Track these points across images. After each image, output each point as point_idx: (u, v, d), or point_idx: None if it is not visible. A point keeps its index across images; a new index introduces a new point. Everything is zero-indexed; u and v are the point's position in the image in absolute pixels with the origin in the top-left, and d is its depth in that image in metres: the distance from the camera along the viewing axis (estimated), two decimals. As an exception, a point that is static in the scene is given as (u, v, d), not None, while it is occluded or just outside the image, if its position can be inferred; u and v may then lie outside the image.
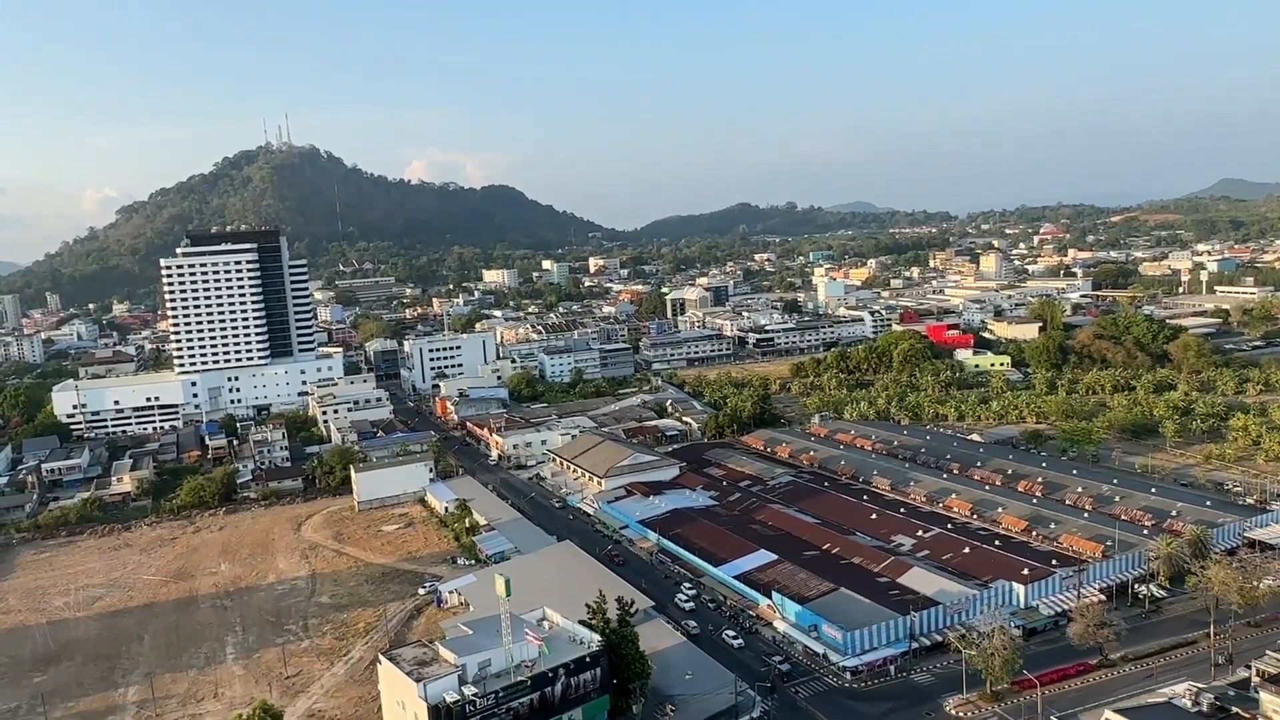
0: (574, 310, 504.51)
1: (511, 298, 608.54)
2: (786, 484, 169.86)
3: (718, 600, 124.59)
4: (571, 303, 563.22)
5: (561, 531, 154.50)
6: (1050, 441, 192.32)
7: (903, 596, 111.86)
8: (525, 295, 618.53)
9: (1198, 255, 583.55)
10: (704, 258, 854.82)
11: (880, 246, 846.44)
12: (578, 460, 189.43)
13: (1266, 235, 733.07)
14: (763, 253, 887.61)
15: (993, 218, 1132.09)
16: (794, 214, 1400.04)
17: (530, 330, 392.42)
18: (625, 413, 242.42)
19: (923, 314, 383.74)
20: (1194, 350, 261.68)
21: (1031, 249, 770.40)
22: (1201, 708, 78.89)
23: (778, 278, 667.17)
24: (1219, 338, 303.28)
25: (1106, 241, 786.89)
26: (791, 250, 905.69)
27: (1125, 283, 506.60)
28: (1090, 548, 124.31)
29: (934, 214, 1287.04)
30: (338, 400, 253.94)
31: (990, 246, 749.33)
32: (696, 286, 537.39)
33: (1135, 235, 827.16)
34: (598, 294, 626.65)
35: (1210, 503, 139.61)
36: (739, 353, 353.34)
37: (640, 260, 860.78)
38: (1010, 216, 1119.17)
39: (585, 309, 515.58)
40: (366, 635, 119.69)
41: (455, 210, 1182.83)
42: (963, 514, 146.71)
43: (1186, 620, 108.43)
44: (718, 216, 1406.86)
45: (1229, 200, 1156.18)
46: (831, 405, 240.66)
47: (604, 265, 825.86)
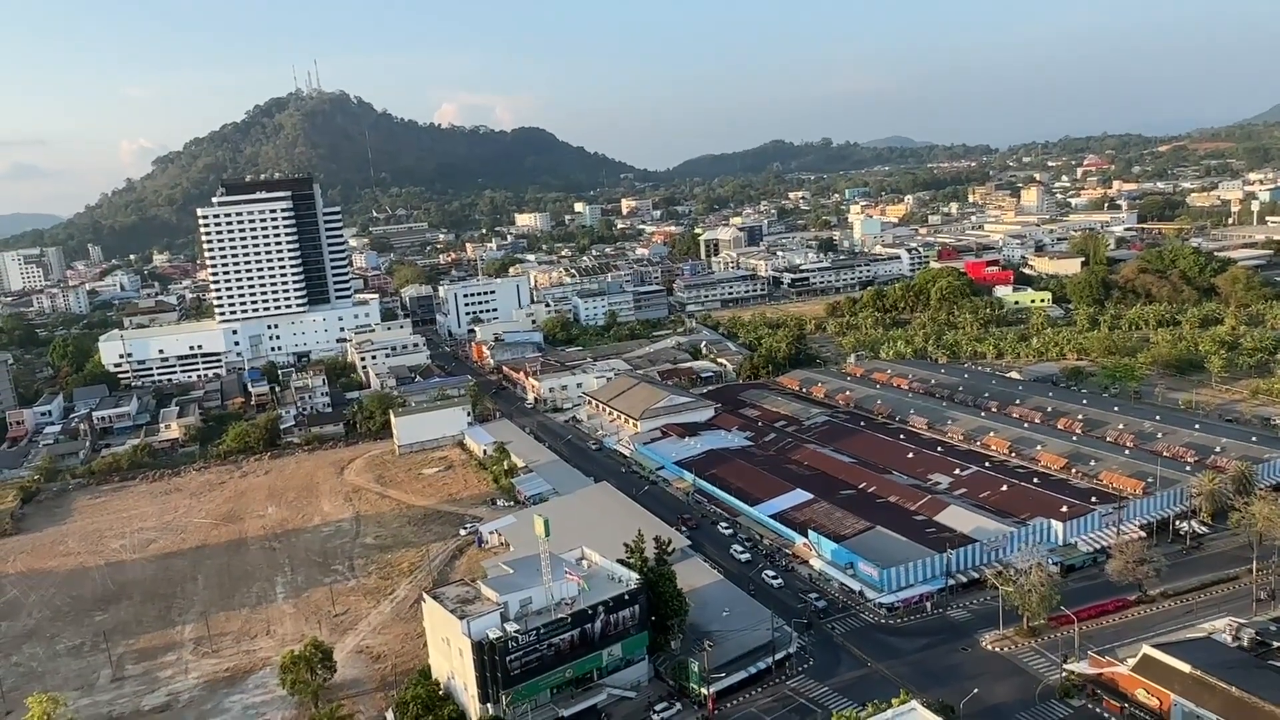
0: (607, 253, 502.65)
1: (544, 241, 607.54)
2: (822, 424, 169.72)
3: (754, 539, 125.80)
4: (604, 245, 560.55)
5: (598, 473, 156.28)
6: (1091, 378, 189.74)
7: (939, 534, 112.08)
8: (558, 238, 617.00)
9: (1249, 185, 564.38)
10: (737, 197, 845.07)
11: (918, 182, 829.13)
12: (613, 403, 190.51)
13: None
14: (797, 191, 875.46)
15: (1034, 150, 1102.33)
16: (829, 150, 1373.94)
17: (564, 274, 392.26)
18: (660, 355, 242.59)
19: (961, 251, 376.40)
20: (1243, 283, 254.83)
21: (1074, 181, 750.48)
22: (1242, 642, 78.81)
23: (813, 216, 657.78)
24: (1269, 270, 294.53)
25: (1153, 172, 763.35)
26: (826, 188, 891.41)
27: (1172, 215, 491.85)
28: (1131, 484, 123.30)
29: (973, 147, 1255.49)
30: (375, 346, 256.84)
31: (1031, 180, 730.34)
32: (730, 226, 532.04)
33: (1184, 165, 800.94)
34: (630, 236, 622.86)
35: (1256, 439, 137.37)
36: (774, 293, 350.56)
37: (672, 201, 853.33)
38: (1053, 148, 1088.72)
39: (618, 251, 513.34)
40: (410, 575, 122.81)
41: (486, 153, 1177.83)
42: (1001, 452, 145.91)
43: (1228, 556, 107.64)
44: (751, 155, 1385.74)
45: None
46: (868, 345, 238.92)
47: (636, 206, 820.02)
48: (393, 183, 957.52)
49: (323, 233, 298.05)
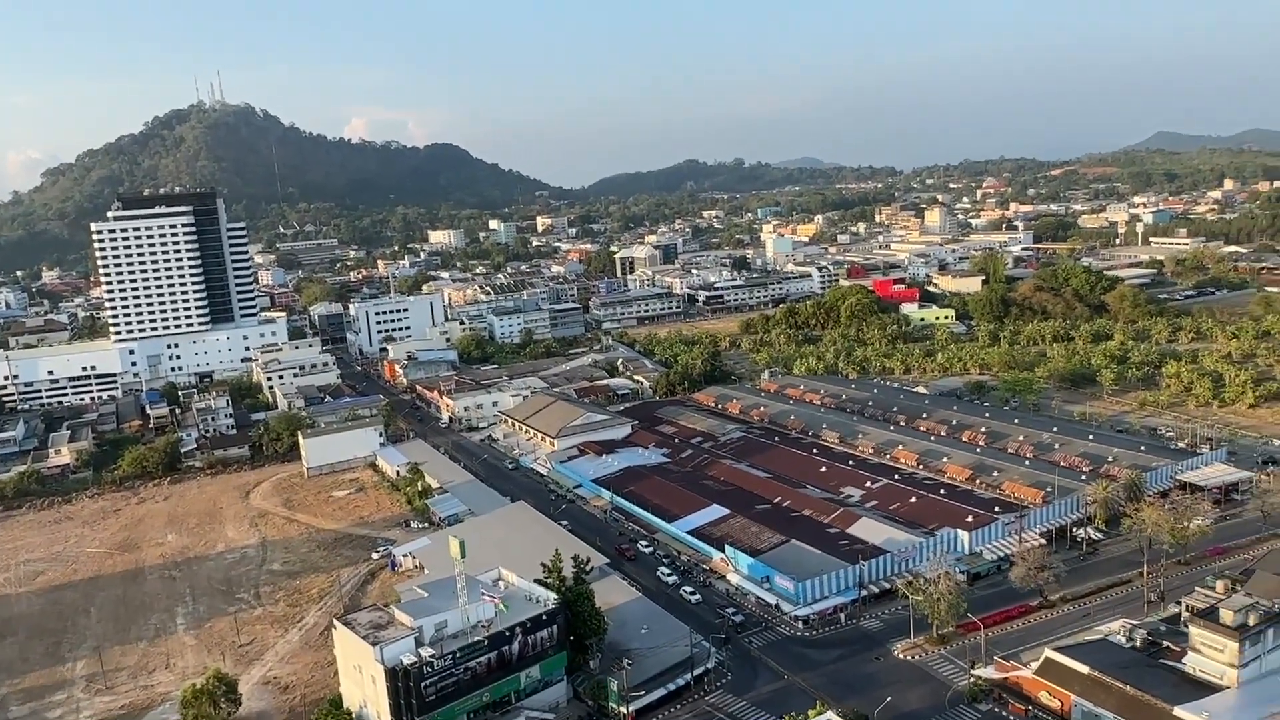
0: (522, 270, 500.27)
1: (458, 258, 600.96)
2: (738, 439, 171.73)
3: (672, 555, 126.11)
4: (520, 262, 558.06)
5: (515, 492, 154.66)
6: (993, 392, 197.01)
7: (852, 546, 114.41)
8: (472, 255, 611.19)
9: (1134, 207, 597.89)
10: (652, 215, 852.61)
11: (827, 202, 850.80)
12: (530, 421, 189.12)
13: (1199, 187, 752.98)
14: (711, 209, 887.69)
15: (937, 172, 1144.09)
16: (741, 170, 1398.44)
17: (478, 291, 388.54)
18: (576, 372, 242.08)
19: (869, 269, 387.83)
20: (1130, 300, 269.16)
21: (974, 203, 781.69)
22: (1135, 643, 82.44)
23: (726, 234, 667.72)
24: (1153, 288, 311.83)
25: (1047, 195, 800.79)
26: (739, 207, 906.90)
27: (1065, 235, 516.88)
28: (1031, 494, 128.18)
29: (879, 169, 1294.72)
30: (283, 365, 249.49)
31: (934, 201, 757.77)
32: (645, 244, 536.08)
33: (1074, 188, 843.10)
34: (546, 253, 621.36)
35: (1144, 447, 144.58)
36: (689, 310, 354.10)
37: (588, 219, 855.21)
38: (954, 171, 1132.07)
39: (534, 269, 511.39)
40: (320, 601, 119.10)
41: (398, 170, 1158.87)
42: (909, 464, 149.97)
43: (1121, 561, 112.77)
44: (665, 174, 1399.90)
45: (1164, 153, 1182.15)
46: (781, 361, 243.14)
47: (552, 224, 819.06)
48: (301, 198, 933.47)
49: (226, 249, 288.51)
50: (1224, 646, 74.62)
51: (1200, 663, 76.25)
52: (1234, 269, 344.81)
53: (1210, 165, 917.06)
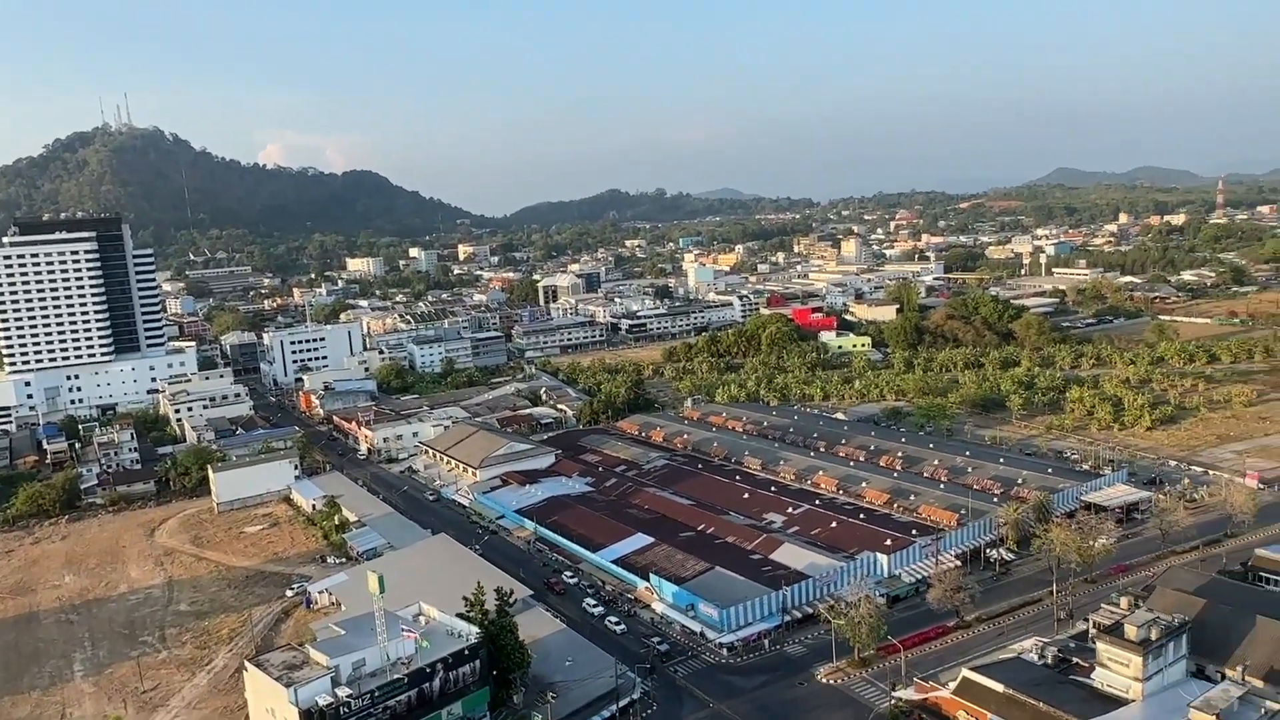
0: (444, 299, 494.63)
1: (378, 286, 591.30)
2: (661, 467, 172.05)
3: (596, 585, 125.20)
4: (441, 291, 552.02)
5: (436, 524, 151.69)
6: (909, 417, 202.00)
7: (775, 572, 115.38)
8: (392, 284, 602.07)
9: (1037, 239, 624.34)
10: (575, 244, 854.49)
11: (747, 232, 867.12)
12: (451, 451, 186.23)
13: (1096, 220, 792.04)
14: (633, 239, 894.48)
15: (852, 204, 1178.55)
16: (663, 200, 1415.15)
17: (398, 320, 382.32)
18: (499, 402, 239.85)
19: (789, 298, 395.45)
20: (1035, 328, 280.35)
21: (888, 234, 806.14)
22: (1047, 660, 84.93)
23: (649, 264, 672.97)
24: (1057, 316, 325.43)
25: (956, 227, 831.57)
26: (661, 236, 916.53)
27: (974, 265, 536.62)
28: (946, 517, 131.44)
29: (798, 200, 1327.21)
30: (191, 397, 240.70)
31: (850, 232, 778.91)
32: (568, 273, 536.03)
33: (982, 220, 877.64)
34: (468, 282, 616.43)
35: (1051, 470, 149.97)
36: (612, 339, 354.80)
37: (511, 247, 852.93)
38: (868, 203, 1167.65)
39: (455, 297, 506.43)
40: (230, 642, 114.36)
41: (315, 196, 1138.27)
42: (829, 490, 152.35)
43: (1032, 580, 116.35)
44: (588, 203, 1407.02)
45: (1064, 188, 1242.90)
46: (703, 388, 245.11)
47: (474, 252, 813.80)
48: (212, 224, 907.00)
49: (132, 276, 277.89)
50: (1129, 661, 77.41)
51: (1108, 677, 78.90)
52: (1130, 298, 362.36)
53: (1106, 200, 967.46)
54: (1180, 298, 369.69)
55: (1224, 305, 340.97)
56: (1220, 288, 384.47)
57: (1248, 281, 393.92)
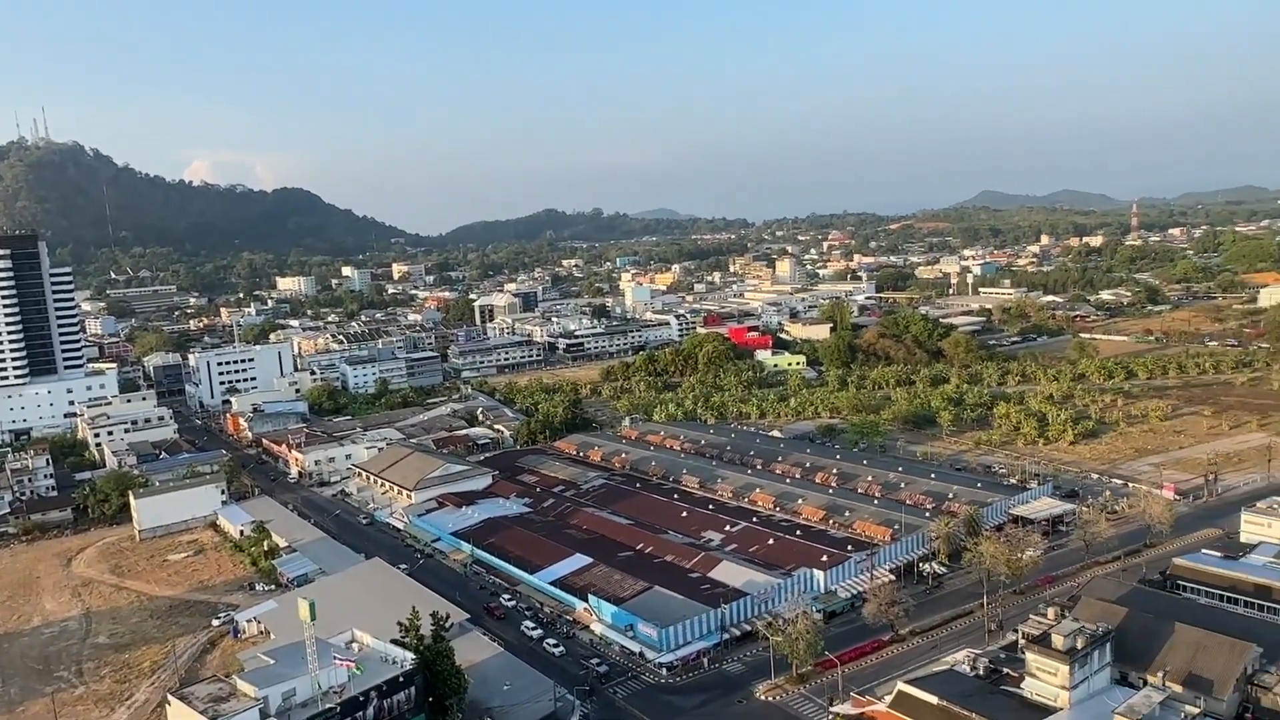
0: (377, 318, 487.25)
1: (309, 306, 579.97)
2: (600, 487, 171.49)
3: (534, 607, 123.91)
4: (375, 310, 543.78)
5: (370, 549, 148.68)
6: (843, 434, 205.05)
7: (713, 590, 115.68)
8: (324, 303, 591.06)
9: (964, 260, 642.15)
10: (512, 263, 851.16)
11: (683, 252, 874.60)
12: (385, 474, 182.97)
13: (1020, 242, 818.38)
14: (570, 258, 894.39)
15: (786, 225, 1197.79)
16: (600, 220, 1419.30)
17: (331, 340, 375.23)
18: (434, 422, 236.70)
19: (725, 317, 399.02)
20: (963, 346, 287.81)
21: (821, 254, 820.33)
22: (979, 671, 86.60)
23: (586, 283, 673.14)
24: (983, 334, 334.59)
25: (887, 247, 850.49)
26: (598, 256, 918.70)
27: (904, 285, 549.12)
28: (880, 532, 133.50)
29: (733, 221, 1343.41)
30: (112, 420, 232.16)
31: (785, 252, 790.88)
32: (505, 293, 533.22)
33: (911, 241, 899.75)
34: (403, 301, 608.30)
35: (980, 484, 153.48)
36: (549, 358, 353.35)
37: (446, 266, 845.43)
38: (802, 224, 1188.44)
39: (390, 317, 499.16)
40: (153, 675, 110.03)
41: (244, 214, 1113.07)
42: (766, 507, 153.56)
43: (964, 593, 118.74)
44: (525, 222, 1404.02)
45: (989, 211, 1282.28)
46: (641, 407, 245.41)
47: (408, 271, 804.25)
48: (136, 242, 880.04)
49: (49, 295, 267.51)
50: (1056, 670, 79.37)
51: (1037, 687, 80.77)
52: (1052, 317, 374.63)
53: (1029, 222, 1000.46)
54: (1099, 316, 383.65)
55: (1140, 324, 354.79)
56: (1136, 307, 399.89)
57: (1161, 301, 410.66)
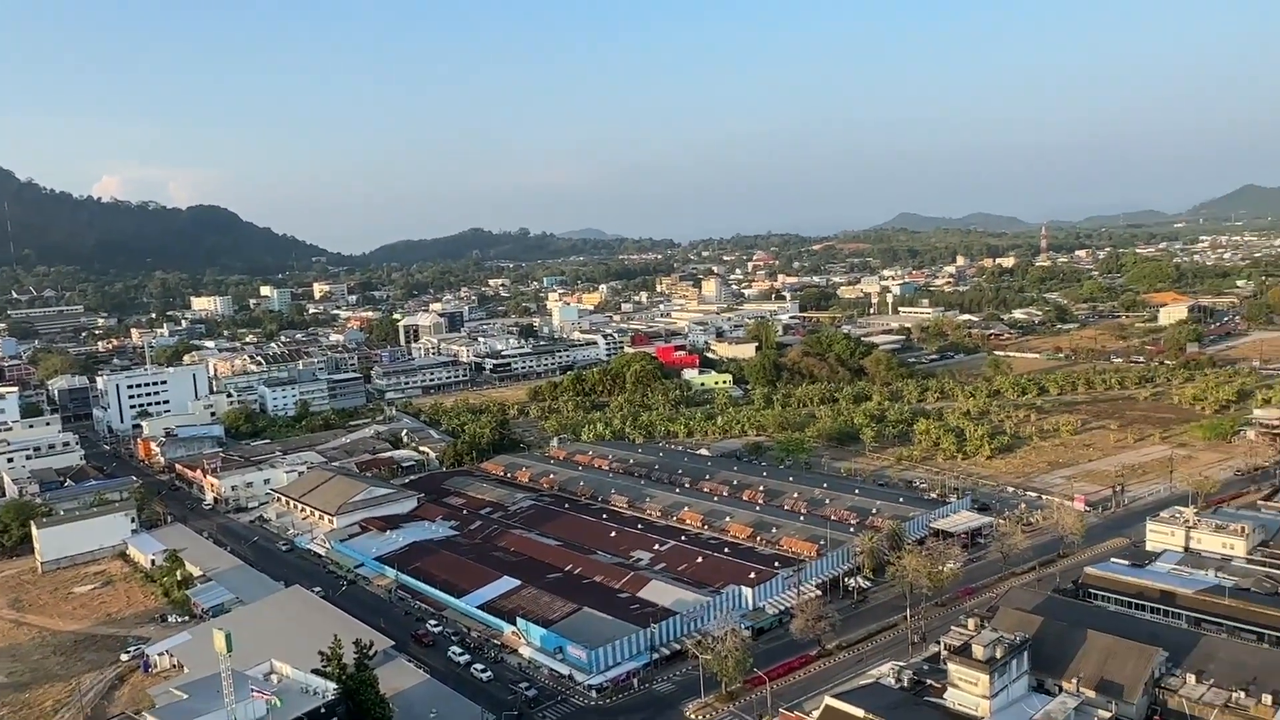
0: (298, 339, 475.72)
1: (226, 327, 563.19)
2: (528, 508, 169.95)
3: (461, 632, 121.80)
4: (295, 331, 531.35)
5: (290, 576, 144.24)
6: (769, 452, 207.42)
7: (643, 610, 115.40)
8: (242, 324, 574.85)
9: (884, 280, 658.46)
10: (437, 283, 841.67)
11: (610, 272, 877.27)
12: (306, 498, 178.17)
13: (937, 262, 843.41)
14: (497, 278, 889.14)
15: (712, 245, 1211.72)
16: (527, 240, 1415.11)
17: (249, 361, 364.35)
18: (357, 445, 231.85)
19: (652, 336, 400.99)
20: (884, 364, 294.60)
21: (746, 274, 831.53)
22: (903, 683, 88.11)
23: (513, 303, 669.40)
24: (903, 352, 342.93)
25: (809, 268, 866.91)
26: (526, 276, 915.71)
27: (827, 305, 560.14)
28: (807, 548, 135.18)
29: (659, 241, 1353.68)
30: (12, 447, 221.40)
31: (710, 272, 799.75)
32: (430, 312, 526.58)
33: (833, 262, 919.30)
34: (324, 321, 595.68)
35: (902, 499, 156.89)
36: (476, 379, 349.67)
37: (370, 286, 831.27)
38: (727, 244, 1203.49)
39: (311, 337, 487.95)
40: (55, 714, 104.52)
41: (157, 231, 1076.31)
42: (695, 525, 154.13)
43: (888, 606, 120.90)
44: (450, 241, 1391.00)
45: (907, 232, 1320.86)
46: (569, 427, 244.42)
47: (330, 291, 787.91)
48: (39, 261, 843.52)
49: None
50: (977, 680, 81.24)
51: (959, 697, 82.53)
52: (969, 335, 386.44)
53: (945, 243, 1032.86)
54: (1012, 334, 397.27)
55: (1050, 341, 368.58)
56: (1047, 325, 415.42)
57: (1070, 319, 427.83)
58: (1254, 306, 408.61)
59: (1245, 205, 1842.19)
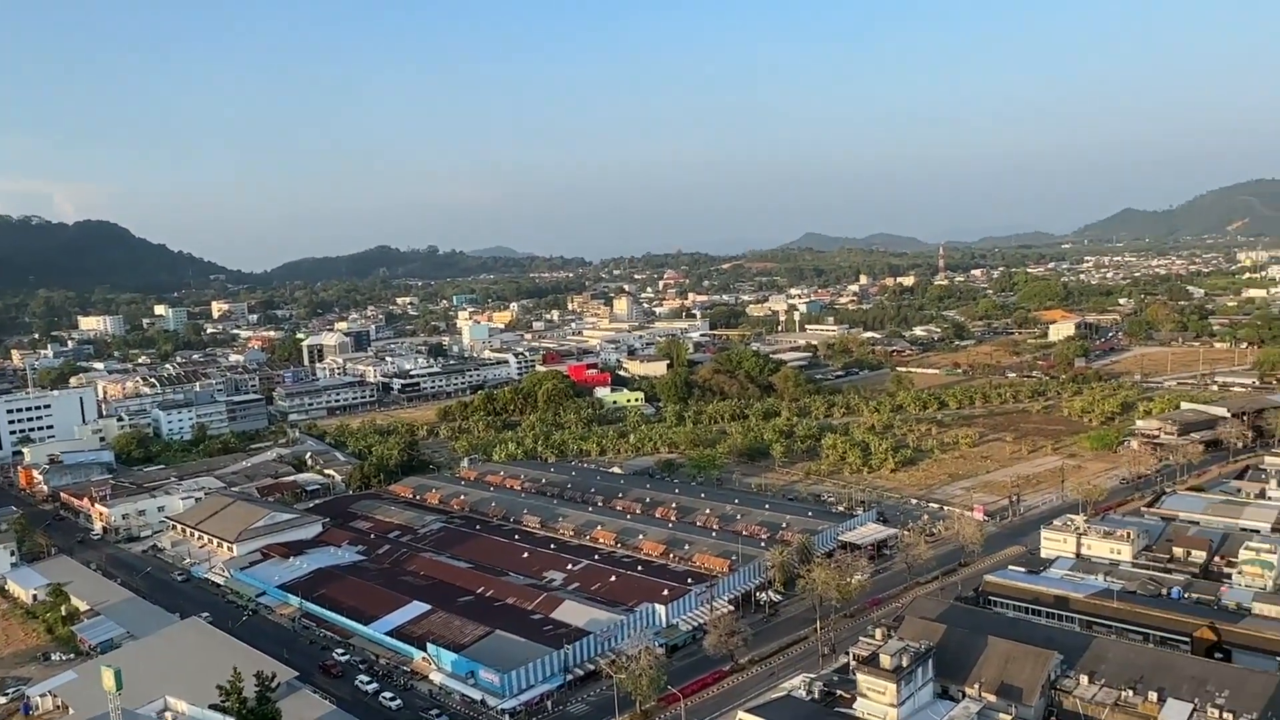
0: (195, 360, 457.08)
1: (117, 347, 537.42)
2: (438, 531, 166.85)
3: (369, 660, 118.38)
4: (192, 351, 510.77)
5: (187, 608, 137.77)
6: (681, 469, 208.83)
7: (556, 631, 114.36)
8: (134, 344, 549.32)
9: (791, 298, 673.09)
10: (343, 301, 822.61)
11: (521, 290, 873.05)
12: (204, 526, 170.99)
13: (841, 281, 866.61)
14: (405, 296, 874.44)
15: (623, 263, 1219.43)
16: (436, 258, 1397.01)
17: (141, 383, 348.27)
18: (259, 469, 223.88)
19: (564, 354, 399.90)
20: (792, 381, 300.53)
21: (657, 293, 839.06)
22: (814, 695, 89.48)
23: (421, 321, 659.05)
24: (810, 369, 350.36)
25: (719, 286, 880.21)
26: (435, 294, 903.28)
27: (736, 322, 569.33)
28: (719, 564, 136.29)
29: (570, 259, 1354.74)
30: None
31: (622, 290, 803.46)
32: (335, 332, 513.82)
33: (742, 280, 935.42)
34: (223, 341, 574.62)
35: (811, 513, 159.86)
36: (384, 399, 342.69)
37: (272, 304, 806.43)
38: (638, 263, 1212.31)
39: (209, 358, 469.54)
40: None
41: (41, 247, 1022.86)
42: (608, 544, 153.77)
43: (799, 619, 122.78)
44: (356, 259, 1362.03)
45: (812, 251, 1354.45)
46: (480, 447, 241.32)
47: (230, 310, 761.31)
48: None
49: None
50: (885, 689, 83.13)
51: (868, 707, 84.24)
52: (872, 352, 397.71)
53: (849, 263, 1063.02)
54: (913, 351, 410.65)
55: (949, 357, 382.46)
56: (945, 342, 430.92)
57: (967, 336, 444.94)
58: (1134, 323, 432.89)
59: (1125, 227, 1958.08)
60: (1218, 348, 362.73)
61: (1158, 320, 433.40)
